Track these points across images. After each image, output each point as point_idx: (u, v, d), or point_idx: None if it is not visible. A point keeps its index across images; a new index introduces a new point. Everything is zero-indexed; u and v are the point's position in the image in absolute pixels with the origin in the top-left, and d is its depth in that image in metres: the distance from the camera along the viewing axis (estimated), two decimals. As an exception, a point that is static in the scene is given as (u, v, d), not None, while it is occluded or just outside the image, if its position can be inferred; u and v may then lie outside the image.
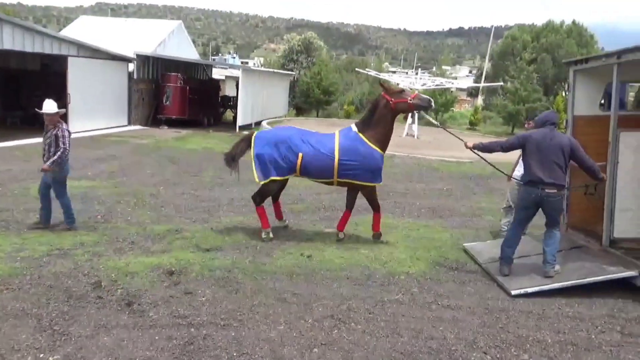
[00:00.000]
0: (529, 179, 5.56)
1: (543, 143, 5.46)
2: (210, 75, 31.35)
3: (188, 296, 4.85)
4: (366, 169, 6.53)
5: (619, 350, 4.26)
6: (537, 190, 5.45)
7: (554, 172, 5.40)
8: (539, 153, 5.46)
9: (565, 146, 5.43)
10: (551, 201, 5.47)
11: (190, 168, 12.27)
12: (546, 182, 5.40)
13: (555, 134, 5.56)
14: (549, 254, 5.58)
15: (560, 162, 5.42)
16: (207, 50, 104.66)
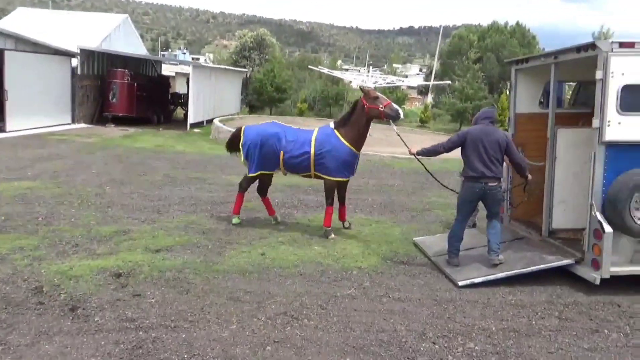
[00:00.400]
0: (471, 174, 5.76)
1: (482, 139, 5.69)
2: (160, 72, 30.48)
3: (136, 298, 4.72)
4: (334, 161, 6.83)
5: (557, 334, 4.50)
6: (481, 184, 5.69)
7: (494, 165, 5.66)
8: (479, 148, 5.68)
9: (502, 141, 5.69)
10: (493, 193, 5.73)
11: (138, 167, 11.91)
12: (488, 175, 5.65)
13: (492, 129, 5.80)
14: (493, 243, 5.83)
15: (498, 156, 5.68)
16: (156, 46, 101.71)
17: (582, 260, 5.57)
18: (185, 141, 18.15)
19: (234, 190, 9.82)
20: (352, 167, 7.02)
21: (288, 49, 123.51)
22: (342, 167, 6.90)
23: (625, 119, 5.18)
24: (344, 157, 6.84)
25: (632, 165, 5.30)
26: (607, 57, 5.08)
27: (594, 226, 5.35)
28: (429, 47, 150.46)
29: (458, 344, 4.23)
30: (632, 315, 4.97)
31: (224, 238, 6.76)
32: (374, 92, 6.88)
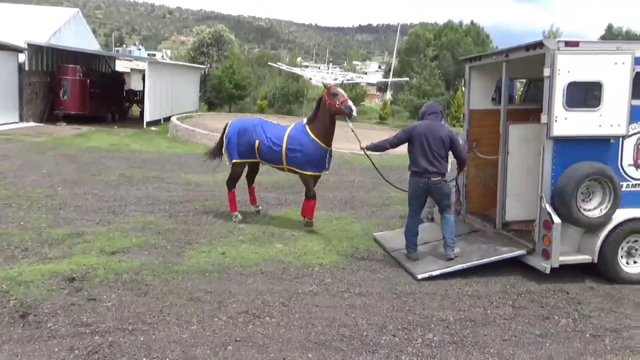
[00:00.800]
0: (415, 169, 5.90)
1: (427, 135, 5.81)
2: (114, 68, 29.57)
3: (91, 303, 4.57)
4: (304, 156, 6.99)
5: (511, 322, 4.68)
6: (424, 179, 5.84)
7: (436, 161, 5.79)
8: (423, 144, 5.80)
9: (445, 137, 5.81)
10: (438, 187, 5.87)
11: (92, 167, 11.52)
12: (431, 171, 5.79)
13: (438, 125, 5.93)
14: (448, 238, 5.97)
15: (441, 152, 5.82)
16: (109, 41, 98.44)
17: (534, 251, 5.80)
18: (142, 139, 17.69)
19: (193, 190, 9.69)
20: (322, 161, 7.09)
21: (247, 45, 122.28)
22: (312, 162, 7.03)
23: (571, 114, 5.42)
24: (312, 152, 6.97)
25: (578, 159, 5.55)
26: (554, 55, 5.30)
27: (544, 218, 5.59)
28: (387, 45, 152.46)
29: (417, 335, 4.32)
30: (579, 301, 5.22)
31: (183, 238, 6.64)
32: (335, 88, 6.93)
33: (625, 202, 5.65)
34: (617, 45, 5.53)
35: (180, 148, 15.91)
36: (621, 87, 5.41)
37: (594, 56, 5.40)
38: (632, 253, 5.79)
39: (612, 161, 5.68)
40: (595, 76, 5.40)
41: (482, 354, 4.06)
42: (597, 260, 5.67)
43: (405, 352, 4.04)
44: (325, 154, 7.07)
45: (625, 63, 5.38)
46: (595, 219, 5.58)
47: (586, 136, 5.53)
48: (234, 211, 7.73)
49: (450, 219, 6.03)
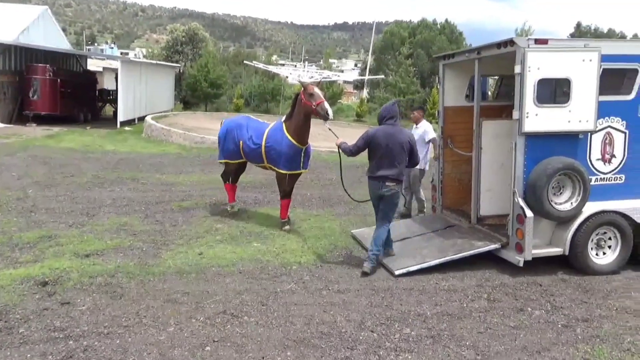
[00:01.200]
0: (372, 175, 5.72)
1: (386, 141, 5.61)
2: (85, 67, 28.93)
3: (65, 307, 4.48)
4: (278, 154, 7.01)
5: (486, 315, 4.77)
6: (380, 184, 5.66)
7: (395, 168, 5.63)
8: (384, 151, 5.62)
9: (405, 144, 5.64)
10: (389, 196, 5.68)
11: (65, 168, 11.25)
12: (389, 177, 5.62)
13: (397, 130, 5.69)
14: (374, 250, 5.72)
15: (401, 158, 5.66)
16: (80, 40, 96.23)
17: (508, 245, 5.93)
18: (116, 140, 17.37)
19: (169, 190, 9.57)
20: (295, 160, 7.04)
21: (222, 43, 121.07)
22: (286, 160, 7.01)
23: (541, 110, 5.55)
24: (286, 150, 6.95)
25: (549, 154, 5.69)
26: (524, 53, 5.41)
27: (517, 212, 5.71)
28: (363, 43, 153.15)
29: (395, 331, 4.37)
30: (552, 293, 5.36)
31: (159, 239, 6.55)
32: (312, 87, 6.75)
33: (594, 195, 5.82)
34: (585, 43, 5.69)
35: (155, 148, 15.68)
36: (589, 84, 5.56)
37: (563, 53, 5.54)
38: (601, 245, 5.96)
39: (581, 156, 5.84)
40: (564, 73, 5.54)
41: (458, 347, 4.14)
42: (569, 252, 5.82)
43: (384, 347, 4.08)
44: (299, 153, 7.02)
45: (593, 60, 5.53)
46: (566, 212, 5.73)
47: (556, 132, 5.67)
48: (230, 201, 8.05)
49: (385, 231, 5.84)
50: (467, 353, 4.05)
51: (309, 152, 7.24)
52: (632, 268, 6.06)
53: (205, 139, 16.46)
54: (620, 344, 4.28)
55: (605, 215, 5.87)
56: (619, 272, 5.96)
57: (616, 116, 5.91)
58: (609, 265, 5.93)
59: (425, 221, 7.39)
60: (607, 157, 5.97)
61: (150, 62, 28.27)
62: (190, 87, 30.22)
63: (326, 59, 41.76)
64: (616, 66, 5.82)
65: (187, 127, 19.08)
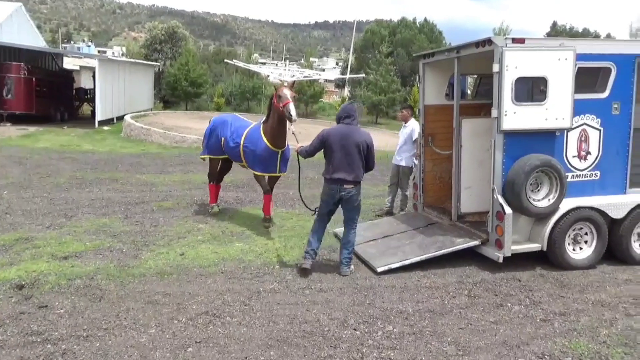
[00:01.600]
0: (328, 176, 5.51)
1: (342, 141, 5.39)
2: (62, 65, 28.40)
3: (42, 310, 4.39)
4: (253, 155, 6.98)
5: (467, 311, 4.83)
6: (338, 187, 5.45)
7: (353, 169, 5.41)
8: (338, 151, 5.39)
9: (362, 144, 5.41)
10: (349, 197, 5.48)
11: (41, 169, 11.02)
12: (347, 180, 5.42)
13: (353, 130, 5.48)
14: (345, 256, 5.64)
15: (357, 159, 5.42)
16: (56, 38, 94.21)
17: (487, 241, 6.01)
18: (94, 139, 17.09)
19: (149, 190, 9.46)
20: (270, 163, 6.93)
21: (202, 42, 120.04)
22: (260, 162, 6.94)
23: (519, 108, 5.64)
24: (259, 152, 6.88)
25: (527, 151, 5.78)
26: (502, 52, 5.49)
27: (496, 209, 5.79)
28: (344, 41, 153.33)
29: (378, 328, 4.40)
30: (531, 288, 5.45)
31: (139, 240, 6.47)
32: (282, 89, 6.54)
33: (571, 192, 5.94)
34: (560, 42, 5.79)
35: (134, 148, 15.47)
36: (565, 82, 5.66)
37: (539, 52, 5.64)
38: (577, 240, 6.09)
39: (557, 153, 5.95)
40: (541, 72, 5.63)
41: (440, 343, 4.18)
42: (547, 248, 5.93)
43: (366, 345, 4.10)
44: (274, 156, 6.89)
45: (568, 59, 5.64)
46: (543, 208, 5.83)
47: (533, 129, 5.77)
48: (211, 202, 8.04)
49: (353, 235, 5.69)
50: (448, 349, 4.10)
51: (286, 155, 7.07)
52: (607, 263, 6.20)
53: (186, 138, 16.31)
54: (596, 336, 4.38)
55: (582, 211, 5.99)
56: (595, 266, 6.09)
57: (591, 114, 6.04)
58: (586, 260, 6.06)
59: (407, 219, 7.44)
60: (582, 154, 6.10)
61: (129, 61, 27.87)
62: (170, 86, 29.91)
63: (307, 57, 41.69)
64: (591, 65, 5.94)
65: (167, 126, 18.87)
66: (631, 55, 6.06)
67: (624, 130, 6.17)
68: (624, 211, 6.11)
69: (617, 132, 6.15)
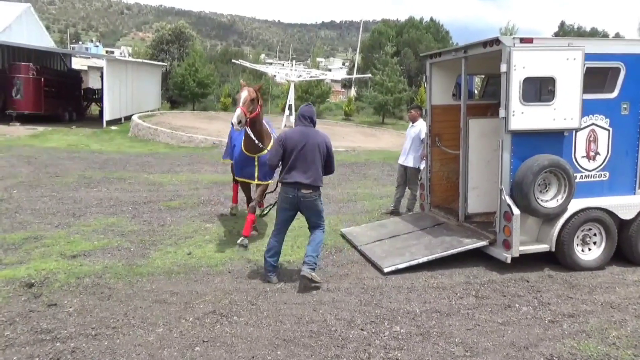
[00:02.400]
0: (284, 180, 5.17)
1: (301, 142, 5.11)
2: (70, 66, 28.61)
3: (52, 308, 4.43)
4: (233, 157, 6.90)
5: (474, 312, 4.82)
6: (294, 191, 5.12)
7: (311, 172, 5.10)
8: (296, 153, 5.10)
9: (321, 144, 5.17)
10: (308, 202, 5.17)
11: (50, 168, 11.11)
12: (304, 183, 5.08)
13: (312, 132, 5.22)
14: (311, 256, 5.17)
15: (317, 161, 5.14)
16: (64, 38, 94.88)
17: (495, 242, 5.98)
18: (102, 139, 17.20)
19: (157, 190, 9.51)
20: (246, 168, 6.51)
21: (209, 42, 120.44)
22: (236, 165, 6.83)
23: (527, 108, 5.61)
24: (235, 155, 6.78)
25: (535, 152, 5.76)
26: (510, 52, 5.46)
27: (504, 209, 5.77)
28: (350, 41, 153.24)
29: (385, 328, 4.39)
30: (539, 289, 5.42)
31: (147, 239, 6.50)
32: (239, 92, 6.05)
33: (579, 192, 5.90)
34: (569, 42, 5.76)
35: (142, 147, 15.54)
36: (573, 82, 5.63)
37: (547, 52, 5.60)
38: (586, 241, 6.05)
39: (566, 153, 5.92)
40: (549, 71, 5.60)
41: (447, 344, 4.17)
42: (555, 248, 5.90)
43: (373, 345, 4.10)
44: (251, 162, 6.43)
45: (577, 59, 5.61)
46: (552, 209, 5.80)
47: (542, 130, 5.74)
48: (233, 202, 8.05)
49: (319, 236, 5.31)
50: (456, 350, 4.08)
51: (263, 161, 6.33)
52: (616, 264, 6.16)
53: (193, 138, 16.36)
54: (605, 338, 4.35)
55: (590, 212, 5.95)
56: (604, 267, 6.05)
57: (600, 114, 6.00)
58: (594, 261, 6.02)
59: (414, 219, 7.43)
60: (591, 154, 6.06)
61: (136, 61, 28.02)
62: (178, 86, 29.99)
63: (314, 57, 41.69)
64: (599, 65, 5.90)
65: (175, 126, 18.94)
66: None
67: (633, 130, 6.12)
68: (634, 212, 6.07)
69: (627, 132, 6.10)
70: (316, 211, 5.27)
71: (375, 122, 30.02)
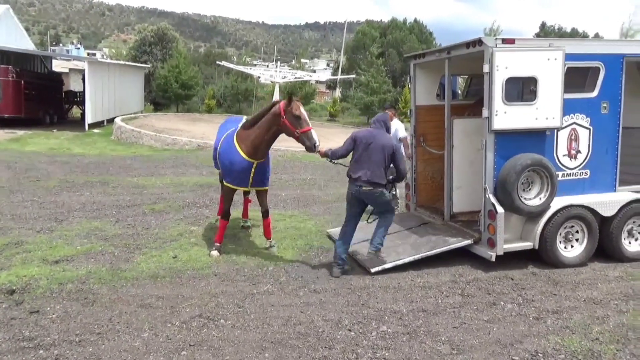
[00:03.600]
0: (351, 176, 5.64)
1: (368, 142, 5.57)
2: (50, 68, 28.17)
3: (34, 315, 4.35)
4: (223, 164, 6.18)
5: (460, 310, 4.85)
6: (356, 187, 5.55)
7: (372, 170, 5.49)
8: (363, 152, 5.56)
9: (387, 147, 5.55)
10: (369, 197, 5.59)
11: (30, 172, 10.92)
12: (363, 179, 5.50)
13: (381, 133, 5.67)
14: (377, 236, 5.72)
15: (380, 161, 5.52)
16: (44, 40, 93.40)
17: (480, 240, 6.04)
18: (84, 142, 16.97)
19: (141, 193, 9.41)
20: (242, 175, 5.99)
21: (193, 43, 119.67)
22: (229, 173, 6.07)
23: (510, 108, 5.67)
24: (229, 162, 6.02)
25: (518, 151, 5.82)
26: (492, 52, 5.53)
27: (488, 208, 5.83)
28: (335, 43, 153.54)
29: (372, 329, 4.40)
30: (523, 286, 5.49)
31: (131, 243, 6.43)
32: (298, 108, 5.62)
33: (561, 190, 5.99)
34: (550, 42, 5.85)
35: (125, 150, 15.37)
36: (554, 82, 5.71)
37: (529, 53, 5.68)
38: (569, 238, 6.14)
39: (548, 152, 6.00)
40: (531, 72, 5.68)
41: (434, 342, 4.19)
42: (538, 246, 5.98)
43: (361, 345, 4.10)
44: (248, 168, 5.93)
45: (557, 59, 5.69)
46: (535, 207, 5.87)
47: (524, 129, 5.81)
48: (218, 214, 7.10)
49: (389, 219, 5.80)
50: (442, 348, 4.11)
51: (264, 167, 6.12)
52: (598, 260, 6.26)
53: (177, 141, 16.23)
54: (589, 334, 4.41)
55: (573, 210, 6.04)
56: (586, 264, 6.15)
57: (581, 113, 6.10)
58: (577, 257, 6.11)
59: (400, 219, 7.45)
60: (572, 152, 6.15)
61: (119, 63, 27.70)
62: (161, 88, 29.73)
63: (298, 59, 41.67)
64: (580, 65, 6.00)
65: (158, 128, 18.77)
66: (619, 55, 6.13)
67: (613, 129, 6.24)
68: (614, 209, 6.18)
69: (607, 130, 6.22)
70: (381, 203, 5.71)
71: (360, 122, 30.11)
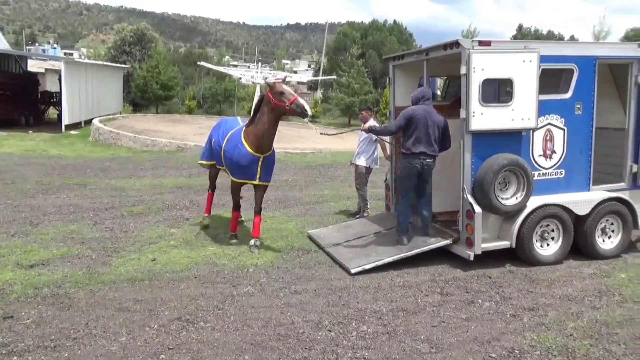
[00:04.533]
0: (413, 151, 6.08)
1: (426, 119, 6.05)
2: (26, 68, 27.54)
3: (8, 321, 4.25)
4: (230, 160, 6.45)
5: (439, 309, 4.91)
6: (420, 160, 6.08)
7: (432, 144, 6.10)
8: (422, 128, 6.03)
9: (440, 122, 6.14)
10: (428, 169, 6.21)
11: (5, 175, 10.68)
12: (428, 153, 6.07)
13: (432, 110, 6.16)
14: (427, 217, 6.43)
15: (436, 136, 6.12)
16: (20, 40, 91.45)
17: (459, 240, 6.12)
18: (61, 144, 16.66)
19: (119, 195, 9.28)
20: (250, 169, 6.34)
21: (173, 44, 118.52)
22: (238, 169, 6.42)
23: (486, 109, 5.76)
24: (237, 159, 6.34)
25: (494, 151, 5.91)
26: (469, 54, 5.60)
27: (466, 208, 5.91)
28: (316, 44, 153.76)
29: (352, 329, 4.42)
30: (501, 284, 5.57)
31: (109, 246, 6.34)
32: (280, 85, 6.09)
33: (537, 190, 6.10)
34: (525, 45, 5.95)
35: (103, 152, 15.14)
36: (529, 83, 5.82)
37: (505, 54, 5.78)
38: (545, 237, 6.25)
39: (524, 152, 6.11)
40: (507, 73, 5.77)
41: (413, 341, 4.23)
42: (515, 245, 6.08)
43: (341, 345, 4.12)
44: (255, 162, 6.31)
45: (532, 61, 5.80)
46: (512, 206, 5.97)
47: (501, 130, 5.91)
48: (205, 213, 7.50)
49: (430, 197, 6.51)
50: (422, 347, 4.15)
51: (270, 161, 6.47)
52: (573, 258, 6.39)
53: (157, 142, 16.06)
54: (564, 330, 4.51)
55: (548, 209, 6.16)
56: (562, 262, 6.27)
57: (555, 114, 6.22)
58: (553, 255, 6.23)
59: (380, 219, 7.51)
60: (548, 153, 6.27)
61: (97, 63, 27.27)
62: (140, 88, 29.35)
63: (279, 59, 41.59)
64: (554, 66, 6.12)
65: (137, 129, 18.53)
66: (592, 57, 6.27)
67: (586, 129, 6.38)
68: (588, 208, 6.31)
69: (580, 131, 6.35)
70: (430, 178, 6.33)
71: (341, 123, 30.18)
